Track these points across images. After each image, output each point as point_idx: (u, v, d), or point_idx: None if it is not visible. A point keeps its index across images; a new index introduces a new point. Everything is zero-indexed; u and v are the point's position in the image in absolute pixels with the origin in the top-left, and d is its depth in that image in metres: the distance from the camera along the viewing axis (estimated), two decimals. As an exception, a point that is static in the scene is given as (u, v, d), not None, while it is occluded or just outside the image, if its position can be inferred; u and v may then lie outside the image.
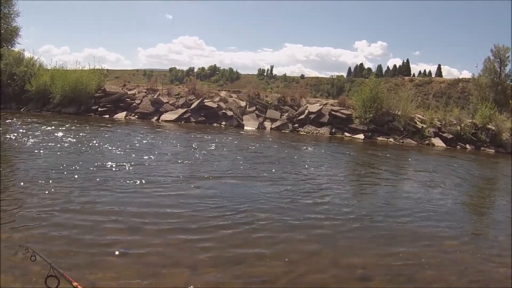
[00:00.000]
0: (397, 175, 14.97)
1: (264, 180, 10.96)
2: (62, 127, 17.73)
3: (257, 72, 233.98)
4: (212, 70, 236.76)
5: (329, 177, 12.39)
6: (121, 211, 7.31)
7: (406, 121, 27.92)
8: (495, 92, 51.35)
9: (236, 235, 6.81)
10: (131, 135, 17.04)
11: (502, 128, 30.78)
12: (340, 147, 20.44)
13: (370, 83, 28.76)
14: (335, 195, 10.28)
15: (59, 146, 13.47)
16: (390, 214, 9.17)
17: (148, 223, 6.87)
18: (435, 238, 7.82)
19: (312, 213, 8.38)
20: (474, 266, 6.75)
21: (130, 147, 14.02)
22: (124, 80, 41.26)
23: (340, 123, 27.11)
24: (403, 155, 20.96)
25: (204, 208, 7.87)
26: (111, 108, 25.58)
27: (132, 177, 9.84)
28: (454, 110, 33.08)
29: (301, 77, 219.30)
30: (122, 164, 11.11)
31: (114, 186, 8.92)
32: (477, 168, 19.61)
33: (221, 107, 26.27)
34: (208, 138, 18.40)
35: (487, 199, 13.25)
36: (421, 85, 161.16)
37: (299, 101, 28.74)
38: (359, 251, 6.72)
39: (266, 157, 14.69)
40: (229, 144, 16.89)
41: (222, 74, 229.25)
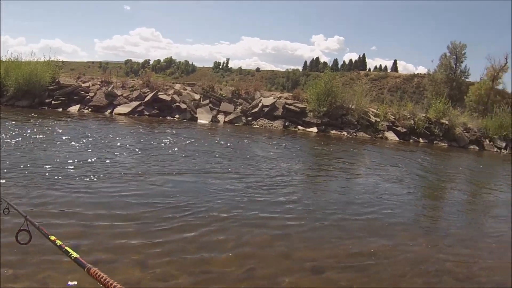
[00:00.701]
0: (350, 168, 15.15)
1: (218, 175, 10.92)
2: (13, 121, 17.23)
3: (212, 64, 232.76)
4: (168, 62, 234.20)
5: (283, 171, 12.42)
6: (72, 212, 7.07)
7: (360, 115, 28.47)
8: (450, 88, 52.83)
9: (190, 230, 6.75)
10: (82, 129, 16.60)
11: (455, 123, 31.78)
12: (293, 141, 20.55)
13: (325, 77, 29.05)
14: (290, 189, 10.33)
15: (7, 141, 12.98)
16: (343, 207, 9.28)
17: (99, 226, 6.64)
18: (388, 230, 7.97)
19: (266, 207, 8.39)
20: (426, 257, 6.90)
21: (79, 143, 13.58)
22: (79, 72, 40.57)
23: (294, 116, 27.29)
24: (356, 148, 21.27)
25: (160, 207, 7.74)
26: (65, 101, 24.97)
27: (84, 174, 9.55)
28: (408, 104, 33.97)
29: (256, 70, 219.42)
30: (72, 160, 10.79)
31: (64, 184, 8.62)
32: (430, 161, 20.11)
33: (175, 100, 26.06)
34: (161, 132, 18.16)
35: (440, 191, 13.56)
36: (376, 80, 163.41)
37: (253, 94, 28.79)
38: (311, 244, 6.78)
39: (220, 151, 14.63)
40: (182, 138, 16.73)
41: (178, 66, 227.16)
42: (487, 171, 20.51)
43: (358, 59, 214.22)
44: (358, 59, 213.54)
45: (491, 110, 39.42)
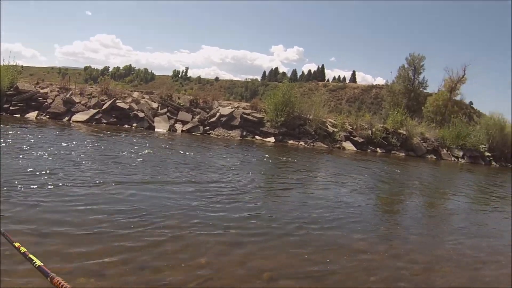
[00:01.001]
0: (308, 178, 15.15)
1: (176, 185, 10.70)
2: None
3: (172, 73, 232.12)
4: (127, 70, 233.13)
5: (241, 181, 12.27)
6: (27, 221, 6.70)
7: (318, 125, 28.73)
8: (408, 99, 53.84)
9: (147, 240, 6.56)
10: (39, 137, 16.14)
11: (413, 133, 32.42)
12: (251, 151, 20.45)
13: (283, 87, 29.12)
14: (248, 199, 10.18)
15: None
16: (301, 216, 9.19)
17: (54, 235, 6.34)
18: (345, 239, 7.92)
19: (223, 217, 8.22)
20: (384, 265, 6.85)
21: (36, 151, 13.04)
22: (38, 78, 39.79)
23: (252, 126, 27.28)
24: (314, 158, 21.36)
25: (117, 217, 7.45)
26: (23, 107, 24.33)
27: (41, 183, 9.16)
28: (366, 115, 34.40)
29: (215, 79, 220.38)
30: (29, 169, 10.30)
31: (20, 193, 8.19)
32: (388, 170, 20.35)
33: (133, 108, 25.73)
34: (118, 141, 17.74)
35: (398, 200, 13.68)
36: (335, 90, 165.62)
37: (211, 103, 28.69)
38: (267, 254, 6.66)
39: (177, 161, 14.40)
40: (140, 148, 16.44)
41: (137, 74, 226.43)
42: (445, 180, 20.86)
43: (317, 69, 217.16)
44: (317, 70, 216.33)
45: (449, 120, 40.14)
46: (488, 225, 11.32)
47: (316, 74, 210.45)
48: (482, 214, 12.91)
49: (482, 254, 8.22)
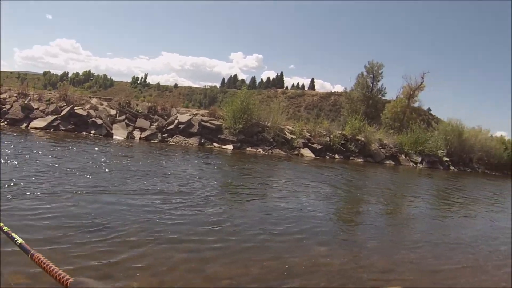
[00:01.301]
0: (267, 185, 15.08)
1: (135, 194, 10.49)
2: None
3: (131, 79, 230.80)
4: (87, 76, 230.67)
5: (200, 189, 12.09)
6: None
7: (276, 132, 28.74)
8: (366, 106, 54.57)
9: (106, 251, 6.37)
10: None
11: (371, 139, 32.87)
12: (210, 158, 20.29)
13: (242, 94, 29.07)
14: (208, 207, 10.02)
15: None
16: (260, 224, 9.11)
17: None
18: (305, 245, 7.89)
19: (183, 227, 8.08)
20: (344, 270, 6.84)
21: None
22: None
23: (210, 133, 27.10)
24: (273, 165, 21.31)
25: (75, 229, 7.23)
26: (-20, 113, 23.86)
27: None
28: (324, 122, 34.65)
29: (174, 86, 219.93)
30: None
31: None
32: (347, 176, 20.49)
33: (91, 115, 25.28)
34: (76, 148, 17.34)
35: (358, 205, 13.76)
36: (293, 98, 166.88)
37: (170, 110, 28.44)
38: (227, 262, 6.57)
39: (136, 169, 14.13)
40: (98, 156, 16.10)
41: (96, 80, 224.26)
42: (404, 185, 21.12)
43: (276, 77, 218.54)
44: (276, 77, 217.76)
45: (407, 126, 40.71)
46: (448, 229, 11.50)
47: (275, 82, 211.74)
48: (441, 218, 13.10)
49: (442, 258, 8.30)
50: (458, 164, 38.28)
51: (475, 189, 24.21)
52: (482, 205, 17.28)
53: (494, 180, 32.57)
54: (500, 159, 41.64)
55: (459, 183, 26.11)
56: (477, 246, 9.79)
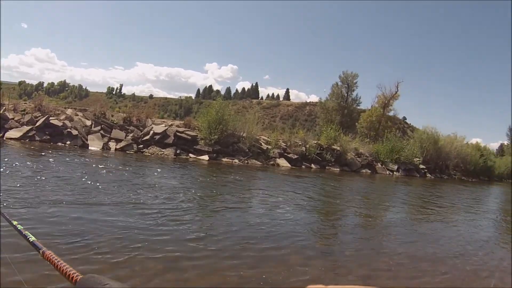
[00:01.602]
0: (244, 196, 15.01)
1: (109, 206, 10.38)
2: None
3: (106, 90, 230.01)
4: (62, 86, 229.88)
5: (178, 200, 12.00)
6: None
7: (251, 143, 28.84)
8: (342, 115, 55.04)
9: (81, 263, 6.28)
10: None
11: (347, 148, 33.20)
12: (186, 169, 20.22)
13: (217, 105, 29.04)
14: (184, 218, 9.97)
15: None
16: (237, 234, 9.03)
17: None
18: (282, 255, 7.83)
19: (158, 238, 8.00)
20: (321, 279, 6.81)
21: None
22: None
23: (185, 144, 27.04)
24: (250, 175, 21.24)
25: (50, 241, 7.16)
26: (-46, 123, 23.50)
27: None
28: (300, 132, 34.86)
29: (149, 97, 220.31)
30: None
31: None
32: (324, 185, 20.56)
33: (66, 126, 25.05)
34: (50, 159, 17.15)
35: (335, 214, 13.77)
36: (268, 108, 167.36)
37: (145, 121, 28.36)
38: (203, 272, 6.52)
39: (113, 180, 13.98)
40: (73, 166, 15.92)
41: (72, 90, 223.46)
42: (381, 193, 21.21)
43: (251, 87, 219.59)
44: (251, 88, 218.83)
45: (383, 135, 41.02)
46: (426, 236, 11.54)
47: (250, 92, 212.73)
48: (419, 225, 13.14)
49: (421, 263, 8.33)
50: (434, 171, 38.76)
51: (452, 195, 24.50)
52: (460, 212, 17.46)
53: (471, 187, 32.94)
54: (476, 165, 42.23)
55: (436, 190, 26.37)
56: (456, 253, 9.86)
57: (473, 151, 43.55)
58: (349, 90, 57.36)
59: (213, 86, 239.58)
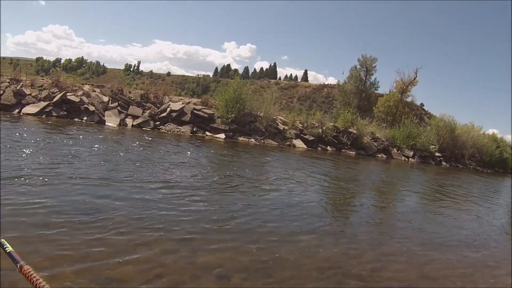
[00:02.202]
0: (259, 175, 15.04)
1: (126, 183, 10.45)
2: None
3: (124, 67, 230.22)
4: (79, 62, 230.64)
5: (191, 178, 12.05)
6: None
7: (268, 122, 28.83)
8: (359, 99, 54.67)
9: (98, 238, 6.34)
10: None
11: (363, 132, 32.99)
12: (202, 146, 20.30)
13: (234, 84, 29.14)
14: (197, 196, 10.04)
15: None
16: (250, 213, 9.09)
17: None
18: (295, 235, 7.89)
19: (172, 214, 8.07)
20: (334, 261, 6.87)
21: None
22: None
23: (202, 122, 27.10)
24: (266, 155, 21.27)
25: (66, 217, 7.25)
26: (-29, 98, 23.64)
27: None
28: (317, 113, 34.60)
29: (167, 74, 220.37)
30: None
31: None
32: (339, 168, 20.53)
33: (83, 102, 25.12)
34: (69, 135, 17.22)
35: (349, 197, 13.76)
36: (286, 89, 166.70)
37: (162, 98, 28.37)
38: (215, 250, 6.57)
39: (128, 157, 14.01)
40: (90, 142, 15.95)
41: (89, 67, 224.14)
42: (396, 179, 21.10)
43: (269, 67, 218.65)
44: (269, 68, 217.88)
45: (399, 120, 40.79)
46: (438, 223, 11.54)
47: (268, 72, 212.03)
48: (433, 213, 13.13)
49: (432, 251, 8.33)
50: (450, 160, 38.49)
51: (468, 185, 24.37)
52: (475, 201, 17.38)
53: (487, 177, 32.75)
54: (491, 156, 41.84)
55: (451, 178, 26.22)
56: (465, 241, 9.87)
57: (489, 142, 42.99)
58: (368, 73, 56.93)
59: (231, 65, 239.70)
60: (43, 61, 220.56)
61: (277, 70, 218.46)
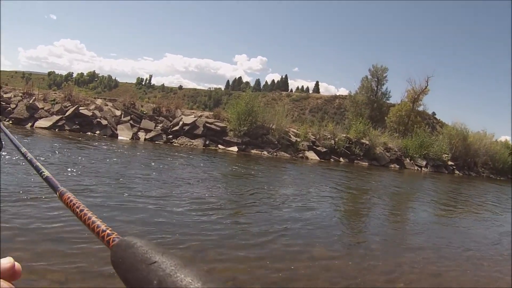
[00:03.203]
0: (274, 188, 15.03)
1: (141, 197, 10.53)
2: None
3: (135, 80, 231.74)
4: (91, 76, 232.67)
5: (205, 191, 12.13)
6: None
7: (281, 135, 28.91)
8: (371, 109, 54.61)
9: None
10: None
11: (376, 143, 32.92)
12: (215, 160, 20.37)
13: (246, 96, 29.21)
14: (211, 210, 10.08)
15: None
16: (265, 225, 9.12)
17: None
18: (309, 247, 7.90)
19: (185, 227, 8.14)
20: (348, 272, 6.87)
21: None
22: (1, 82, 38.92)
23: (214, 135, 27.21)
24: (279, 168, 21.30)
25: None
26: (-16, 112, 23.87)
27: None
28: (329, 125, 34.63)
29: (179, 88, 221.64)
30: None
31: None
32: (352, 179, 20.49)
33: (96, 116, 25.35)
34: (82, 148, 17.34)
35: (362, 208, 13.75)
36: (298, 100, 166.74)
37: (174, 112, 28.54)
38: (229, 262, 6.61)
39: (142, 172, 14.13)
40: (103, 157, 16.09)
41: (101, 81, 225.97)
42: (410, 189, 21.04)
43: (280, 79, 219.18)
44: (280, 80, 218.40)
45: (411, 130, 40.73)
46: (452, 233, 11.49)
47: (279, 84, 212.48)
48: (445, 223, 13.06)
49: (445, 262, 8.30)
50: (463, 169, 38.33)
51: (481, 193, 24.21)
52: (489, 210, 17.28)
53: (500, 185, 32.52)
54: (504, 163, 41.60)
55: (464, 187, 26.10)
56: (481, 251, 9.83)
57: (501, 149, 42.70)
58: (379, 83, 57.00)
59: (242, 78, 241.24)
60: (55, 75, 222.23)
61: (288, 82, 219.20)
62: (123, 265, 0.63)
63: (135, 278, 0.59)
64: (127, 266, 0.62)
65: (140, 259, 0.61)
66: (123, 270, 0.62)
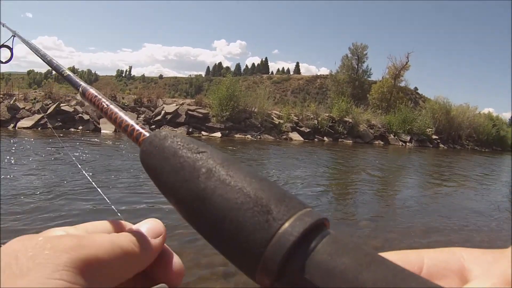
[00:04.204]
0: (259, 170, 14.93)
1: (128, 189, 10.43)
2: None
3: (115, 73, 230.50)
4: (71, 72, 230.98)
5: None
6: None
7: (263, 118, 28.86)
8: (353, 87, 54.88)
9: None
10: None
11: (359, 120, 33.10)
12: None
13: (227, 81, 29.11)
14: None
15: None
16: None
17: None
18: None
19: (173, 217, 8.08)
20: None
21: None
22: None
23: (197, 122, 27.12)
24: (263, 150, 21.22)
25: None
26: (-36, 115, 23.57)
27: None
28: (311, 105, 34.62)
29: (159, 77, 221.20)
30: None
31: None
32: (337, 157, 20.45)
33: (77, 111, 25.09)
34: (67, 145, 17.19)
35: (350, 185, 13.67)
36: (279, 83, 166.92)
37: (156, 101, 28.38)
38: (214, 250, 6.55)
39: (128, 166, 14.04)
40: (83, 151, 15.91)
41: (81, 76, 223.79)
42: (396, 164, 21.07)
43: (260, 62, 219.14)
44: (260, 63, 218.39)
45: (394, 106, 40.94)
46: (441, 206, 11.49)
47: (260, 67, 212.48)
48: (434, 196, 13.07)
49: (435, 235, 8.30)
50: (447, 142, 38.60)
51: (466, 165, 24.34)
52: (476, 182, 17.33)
53: (485, 156, 32.72)
54: (488, 135, 41.93)
55: (449, 160, 26.22)
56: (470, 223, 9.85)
57: (485, 121, 43.29)
58: (359, 61, 57.26)
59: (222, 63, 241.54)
60: (34, 74, 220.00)
61: (269, 65, 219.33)
62: (160, 154, 0.53)
63: (175, 166, 0.50)
64: (165, 154, 0.52)
65: (183, 146, 0.52)
66: (159, 159, 0.53)
